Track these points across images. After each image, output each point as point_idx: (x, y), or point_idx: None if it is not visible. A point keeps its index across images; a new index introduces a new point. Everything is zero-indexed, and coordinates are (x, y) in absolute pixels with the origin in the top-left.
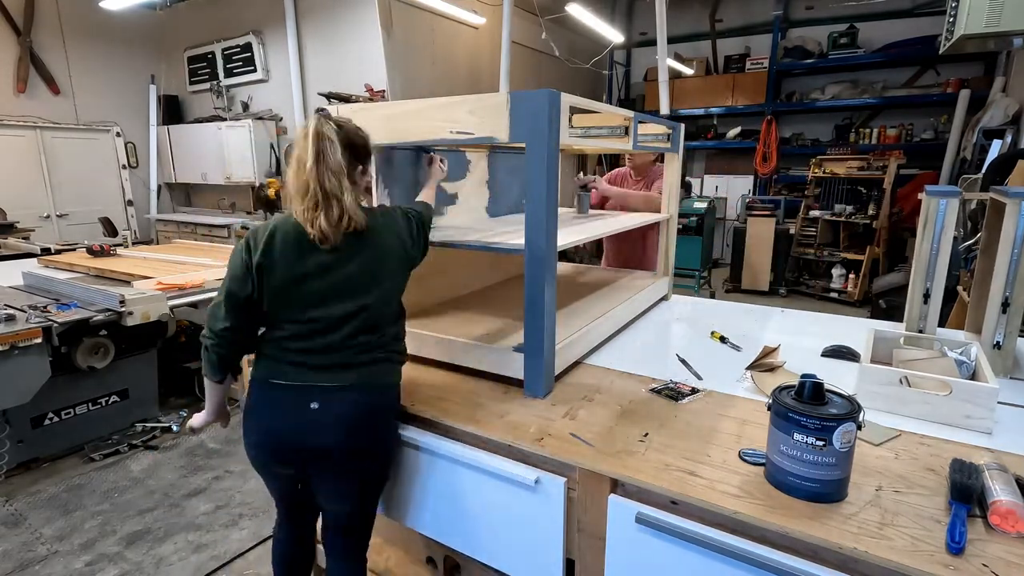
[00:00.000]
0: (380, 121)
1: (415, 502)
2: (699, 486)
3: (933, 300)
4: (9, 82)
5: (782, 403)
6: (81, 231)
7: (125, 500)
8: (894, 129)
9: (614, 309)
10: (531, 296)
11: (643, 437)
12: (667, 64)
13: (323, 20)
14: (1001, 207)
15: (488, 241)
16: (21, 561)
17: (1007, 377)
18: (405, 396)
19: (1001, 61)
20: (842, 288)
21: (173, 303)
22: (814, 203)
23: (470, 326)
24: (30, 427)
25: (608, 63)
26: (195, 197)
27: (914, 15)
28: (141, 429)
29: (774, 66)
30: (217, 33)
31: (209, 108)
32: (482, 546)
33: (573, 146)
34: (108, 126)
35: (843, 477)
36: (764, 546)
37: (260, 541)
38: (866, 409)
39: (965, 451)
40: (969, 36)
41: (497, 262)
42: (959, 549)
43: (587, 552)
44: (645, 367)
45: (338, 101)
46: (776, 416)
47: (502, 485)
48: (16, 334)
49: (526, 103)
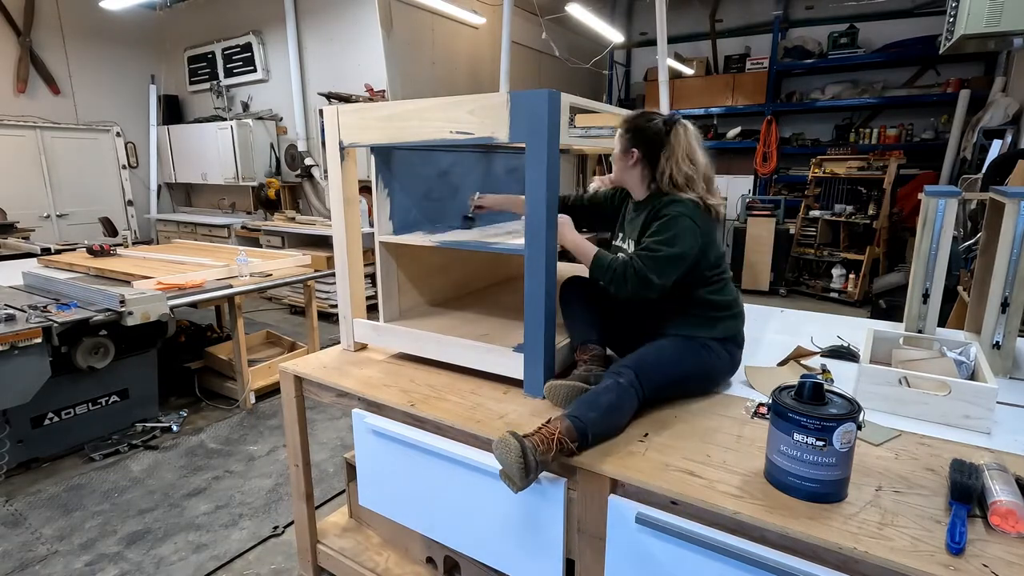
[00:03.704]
0: (380, 121)
1: (415, 502)
2: (699, 486)
3: (932, 300)
4: (9, 82)
5: (782, 403)
6: (81, 231)
7: (125, 500)
8: (894, 129)
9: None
10: (531, 296)
11: (643, 437)
12: (667, 64)
13: (323, 20)
14: (1001, 207)
15: (488, 241)
16: (21, 561)
17: (1006, 377)
18: (405, 396)
19: (1001, 61)
20: (842, 288)
21: (173, 303)
22: (814, 203)
23: (470, 326)
24: (30, 427)
25: (608, 63)
26: (195, 197)
27: (914, 15)
28: (141, 429)
29: (774, 66)
30: (217, 33)
31: (209, 108)
32: (482, 546)
33: (573, 146)
34: (108, 126)
35: (843, 477)
36: (764, 546)
37: (260, 541)
38: (866, 409)
39: (965, 451)
40: (969, 36)
41: (497, 262)
42: (959, 549)
43: (587, 552)
44: None
45: (338, 101)
46: (776, 416)
47: (502, 485)
48: (16, 334)
49: (526, 103)
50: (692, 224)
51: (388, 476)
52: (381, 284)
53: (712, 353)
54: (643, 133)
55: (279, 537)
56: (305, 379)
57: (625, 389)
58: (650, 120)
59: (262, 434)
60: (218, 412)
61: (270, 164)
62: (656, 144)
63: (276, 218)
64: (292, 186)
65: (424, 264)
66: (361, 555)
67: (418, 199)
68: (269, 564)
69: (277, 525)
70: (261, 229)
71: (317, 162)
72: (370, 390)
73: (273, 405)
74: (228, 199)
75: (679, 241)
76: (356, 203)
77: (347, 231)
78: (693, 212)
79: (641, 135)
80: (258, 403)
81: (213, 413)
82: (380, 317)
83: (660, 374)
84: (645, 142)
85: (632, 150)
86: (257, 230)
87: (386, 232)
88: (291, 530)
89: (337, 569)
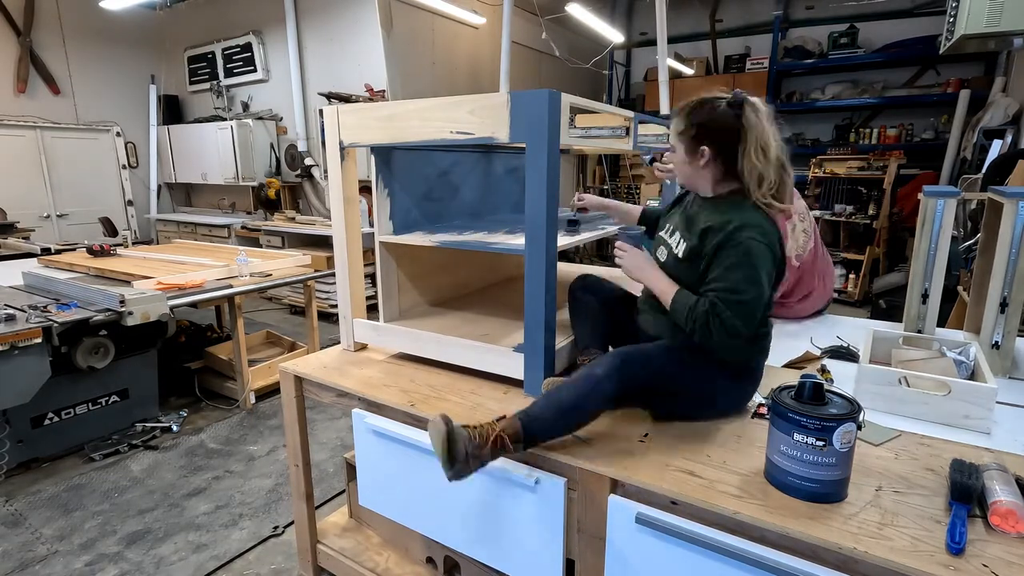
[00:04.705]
0: (380, 121)
1: (415, 502)
2: (699, 486)
3: (932, 300)
4: (9, 82)
5: (782, 403)
6: (81, 231)
7: (125, 500)
8: (894, 129)
9: None
10: (531, 296)
11: (643, 437)
12: (667, 64)
13: (323, 20)
14: (1000, 207)
15: (488, 241)
16: (21, 561)
17: (1006, 377)
18: (405, 396)
19: (1001, 61)
20: (842, 288)
21: (173, 303)
22: (814, 203)
23: (470, 326)
24: (30, 427)
25: (608, 63)
26: (195, 197)
27: (914, 15)
28: (141, 429)
29: (774, 66)
30: (217, 33)
31: (209, 108)
32: (482, 546)
33: (573, 146)
34: (108, 126)
35: (843, 477)
36: (764, 546)
37: (260, 541)
38: (866, 409)
39: (965, 451)
40: (969, 36)
41: (497, 262)
42: (959, 549)
43: (587, 552)
44: None
45: (338, 101)
46: (776, 416)
47: (502, 485)
48: (16, 334)
49: (526, 103)
50: (769, 255)
51: (388, 476)
52: (381, 284)
53: (714, 380)
54: (712, 125)
55: (279, 537)
56: (305, 379)
57: (598, 382)
58: (716, 107)
59: (262, 434)
60: (218, 412)
61: (270, 164)
62: (731, 135)
63: (276, 218)
64: (292, 186)
65: (424, 264)
66: (361, 555)
67: (418, 199)
68: (269, 564)
69: (277, 525)
70: (261, 229)
71: (317, 162)
72: (370, 390)
73: (273, 405)
74: (228, 199)
75: (760, 277)
76: (356, 203)
77: (347, 231)
78: (770, 237)
79: (709, 128)
80: (258, 403)
81: (213, 413)
82: (380, 317)
83: (645, 375)
84: (716, 136)
85: (702, 148)
86: (257, 230)
87: (386, 232)
88: (291, 530)
89: (337, 569)
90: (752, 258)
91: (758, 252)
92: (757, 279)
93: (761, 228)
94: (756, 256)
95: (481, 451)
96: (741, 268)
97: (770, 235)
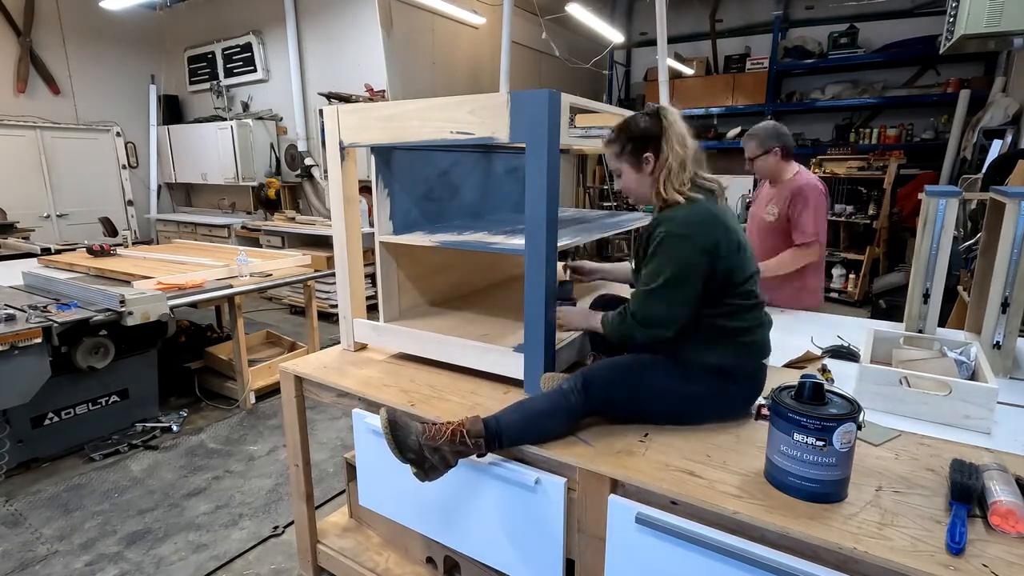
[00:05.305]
0: (380, 121)
1: (415, 502)
2: (699, 486)
3: (933, 300)
4: (9, 82)
5: (782, 403)
6: (81, 231)
7: (125, 500)
8: (894, 129)
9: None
10: (531, 296)
11: (643, 437)
12: (667, 64)
13: (323, 20)
14: (1001, 207)
15: (488, 241)
16: (21, 561)
17: (1007, 377)
18: (405, 396)
19: (1001, 61)
20: (842, 288)
21: (173, 303)
22: None
23: (470, 326)
24: (30, 427)
25: (608, 63)
26: (195, 197)
27: (914, 15)
28: (141, 429)
29: (774, 66)
30: (217, 33)
31: (209, 108)
32: (482, 546)
33: (573, 146)
34: (108, 126)
35: (843, 477)
36: (764, 546)
37: (260, 541)
38: (866, 409)
39: (965, 451)
40: (969, 36)
41: (497, 262)
42: (959, 549)
43: (587, 552)
44: None
45: (338, 101)
46: (776, 416)
47: (502, 485)
48: (16, 334)
49: (526, 103)
50: (683, 243)
51: (388, 476)
52: (381, 284)
53: (692, 382)
54: (645, 134)
55: (279, 537)
56: (305, 379)
57: (564, 395)
58: (639, 120)
59: (262, 434)
60: (218, 412)
61: (270, 164)
62: (659, 136)
63: (276, 218)
64: (292, 186)
65: (424, 264)
66: (361, 555)
67: (418, 199)
68: (269, 564)
69: (277, 525)
70: (261, 229)
71: (317, 162)
72: (370, 390)
73: (273, 405)
74: (228, 199)
75: (671, 263)
76: (356, 203)
77: (347, 231)
78: (689, 226)
79: (644, 137)
80: (258, 403)
81: (213, 413)
82: (380, 317)
83: (615, 386)
84: (649, 140)
85: (646, 155)
86: (257, 230)
87: (386, 232)
88: (291, 530)
89: (337, 569)
90: (663, 248)
91: (668, 242)
92: (664, 267)
93: (674, 220)
94: (666, 246)
95: (436, 443)
96: (652, 260)
97: (689, 224)
